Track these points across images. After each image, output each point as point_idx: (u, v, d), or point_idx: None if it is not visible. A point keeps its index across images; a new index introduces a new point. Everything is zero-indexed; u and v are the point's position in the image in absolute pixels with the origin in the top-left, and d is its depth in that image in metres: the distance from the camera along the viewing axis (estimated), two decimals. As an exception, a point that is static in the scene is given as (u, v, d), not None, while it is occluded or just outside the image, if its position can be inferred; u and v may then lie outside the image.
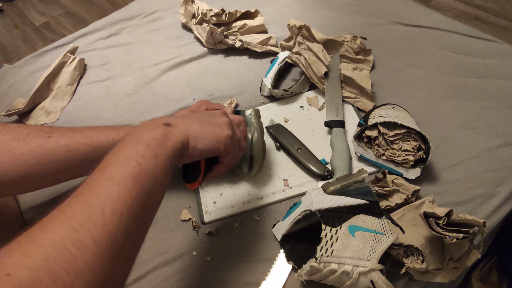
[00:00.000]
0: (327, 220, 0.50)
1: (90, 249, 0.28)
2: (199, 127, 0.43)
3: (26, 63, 0.97)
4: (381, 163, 0.63)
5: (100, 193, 0.32)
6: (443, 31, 0.88)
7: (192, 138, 0.42)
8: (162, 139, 0.38)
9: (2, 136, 0.49)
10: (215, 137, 0.44)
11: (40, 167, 0.49)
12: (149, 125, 0.40)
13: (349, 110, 0.74)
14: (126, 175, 0.34)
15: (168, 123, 0.41)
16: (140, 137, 0.38)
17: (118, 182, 0.33)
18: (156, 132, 0.39)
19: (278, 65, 0.80)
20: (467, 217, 0.48)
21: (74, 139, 0.51)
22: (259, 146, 0.61)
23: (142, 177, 0.35)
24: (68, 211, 0.31)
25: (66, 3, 2.44)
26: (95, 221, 0.30)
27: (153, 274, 0.56)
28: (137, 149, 0.36)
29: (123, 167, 0.34)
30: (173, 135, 0.40)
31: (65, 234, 0.29)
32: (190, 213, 0.63)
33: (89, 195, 0.32)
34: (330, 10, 0.99)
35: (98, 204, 0.31)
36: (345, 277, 0.46)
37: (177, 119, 0.43)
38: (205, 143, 0.43)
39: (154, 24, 1.03)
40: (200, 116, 0.46)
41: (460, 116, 0.71)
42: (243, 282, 0.55)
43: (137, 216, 0.34)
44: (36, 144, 0.49)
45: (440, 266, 0.51)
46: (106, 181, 0.33)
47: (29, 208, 0.66)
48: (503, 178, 0.62)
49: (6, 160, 0.47)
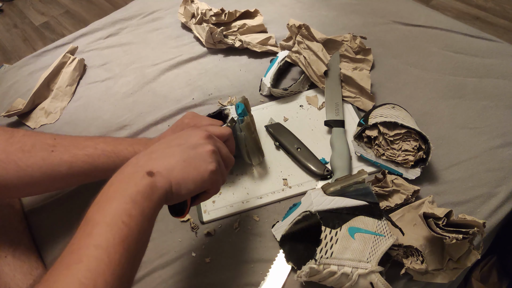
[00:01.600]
0: (327, 222, 0.49)
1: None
2: (183, 170, 0.41)
3: (26, 63, 0.97)
4: (381, 163, 0.63)
5: (90, 266, 0.31)
6: (443, 31, 0.88)
7: (175, 185, 0.40)
8: (148, 193, 0.37)
9: (8, 147, 0.50)
10: (199, 178, 0.42)
11: (43, 179, 0.51)
12: (133, 174, 0.39)
13: (349, 109, 0.73)
14: (114, 240, 0.33)
15: (151, 171, 0.39)
16: (125, 189, 0.37)
17: (108, 251, 0.32)
18: (141, 184, 0.37)
19: (277, 64, 0.80)
20: (466, 218, 0.47)
21: (77, 157, 0.53)
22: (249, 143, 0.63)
23: (129, 240, 0.34)
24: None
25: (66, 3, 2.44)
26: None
27: (152, 276, 0.56)
28: (124, 206, 0.35)
29: (110, 230, 0.33)
30: (158, 187, 0.38)
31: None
32: (189, 214, 0.62)
33: (79, 269, 0.31)
34: (330, 9, 0.99)
35: (89, 281, 0.30)
36: (344, 279, 0.46)
37: (159, 162, 0.41)
38: (189, 188, 0.42)
39: (153, 24, 1.03)
40: (182, 152, 0.43)
41: (460, 116, 0.71)
42: (243, 283, 0.55)
43: (125, 278, 0.34)
44: (40, 158, 0.51)
45: (440, 266, 0.51)
46: (95, 250, 0.32)
47: (32, 210, 0.66)
48: (503, 178, 0.62)
49: (12, 171, 0.49)
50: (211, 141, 0.46)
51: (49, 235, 0.63)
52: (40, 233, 0.63)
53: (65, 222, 0.64)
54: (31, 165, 0.50)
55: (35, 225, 0.64)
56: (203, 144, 0.45)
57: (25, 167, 0.50)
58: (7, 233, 0.59)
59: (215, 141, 0.47)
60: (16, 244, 0.58)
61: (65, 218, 0.64)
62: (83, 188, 0.67)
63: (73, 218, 0.64)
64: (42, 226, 0.64)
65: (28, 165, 0.50)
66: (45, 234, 0.63)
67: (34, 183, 0.51)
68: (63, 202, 0.66)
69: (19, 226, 0.61)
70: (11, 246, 0.57)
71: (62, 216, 0.65)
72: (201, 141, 0.45)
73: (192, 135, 0.45)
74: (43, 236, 0.63)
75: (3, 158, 0.49)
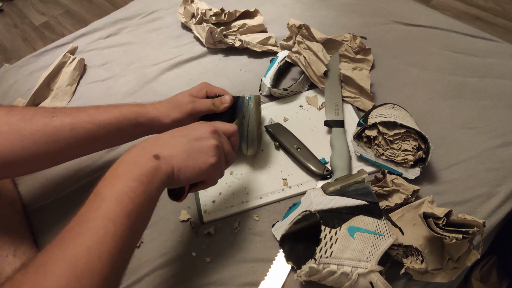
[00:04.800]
0: (327, 221, 0.49)
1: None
2: (184, 158, 0.45)
3: (26, 63, 0.97)
4: (380, 163, 0.63)
5: (98, 235, 0.34)
6: (443, 31, 0.88)
7: (176, 171, 0.43)
8: (152, 174, 0.40)
9: (9, 118, 0.50)
10: (198, 168, 0.45)
11: (47, 145, 0.51)
12: (140, 156, 0.42)
13: (349, 109, 0.74)
14: (121, 213, 0.36)
15: (157, 155, 0.42)
16: (132, 170, 0.40)
17: (114, 223, 0.35)
18: (146, 166, 0.41)
19: (277, 65, 0.80)
20: (466, 218, 0.47)
21: (78, 117, 0.54)
22: (254, 131, 0.64)
23: (133, 214, 0.37)
24: (69, 254, 0.33)
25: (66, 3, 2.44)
26: (94, 268, 0.33)
27: (152, 275, 0.56)
28: (131, 184, 0.38)
29: (117, 204, 0.36)
30: (161, 170, 0.41)
31: (68, 282, 0.31)
32: (189, 214, 0.62)
33: (87, 237, 0.34)
34: (330, 9, 0.99)
35: (96, 248, 0.33)
36: (344, 278, 0.46)
37: (165, 148, 0.44)
38: (187, 175, 0.45)
39: (153, 24, 1.03)
40: (187, 143, 0.46)
41: (460, 115, 0.71)
42: (243, 282, 0.55)
43: (127, 250, 0.37)
44: (42, 124, 0.51)
45: (440, 266, 0.51)
46: (102, 222, 0.35)
47: (33, 209, 0.66)
48: (503, 178, 0.62)
49: (16, 141, 0.49)
50: (216, 136, 0.49)
51: (50, 235, 0.63)
52: (41, 232, 0.63)
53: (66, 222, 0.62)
54: (34, 132, 0.50)
55: (36, 225, 0.64)
56: (207, 138, 0.47)
57: (28, 135, 0.50)
58: (8, 232, 0.59)
59: (219, 137, 0.50)
60: (17, 243, 0.58)
61: (65, 218, 0.64)
62: (83, 188, 0.68)
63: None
64: (43, 226, 0.64)
65: (31, 133, 0.50)
66: (46, 233, 0.63)
67: (39, 152, 0.51)
68: (63, 202, 0.66)
69: (20, 226, 0.61)
70: (12, 245, 0.57)
71: (62, 215, 0.65)
72: (206, 135, 0.48)
73: (198, 129, 0.48)
74: (44, 236, 0.63)
75: (6, 129, 0.49)
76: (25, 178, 0.70)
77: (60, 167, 0.71)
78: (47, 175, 0.70)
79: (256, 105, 0.64)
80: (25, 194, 0.68)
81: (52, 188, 0.68)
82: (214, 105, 0.61)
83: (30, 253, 0.58)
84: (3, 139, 0.49)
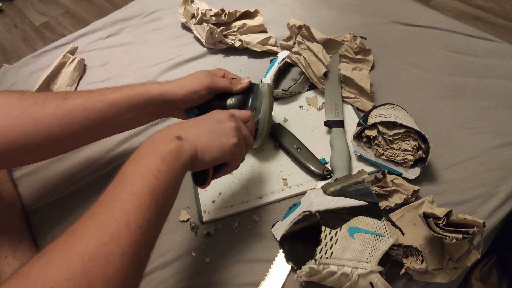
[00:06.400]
0: (327, 222, 0.49)
1: (119, 260, 0.33)
2: (207, 139, 0.46)
3: (26, 63, 0.97)
4: (380, 163, 0.63)
5: (125, 206, 0.36)
6: (443, 31, 0.88)
7: (200, 152, 0.45)
8: (176, 154, 0.42)
9: (21, 102, 0.50)
10: (222, 148, 0.47)
11: (60, 128, 0.51)
12: (164, 137, 0.43)
13: (349, 110, 0.74)
14: (145, 188, 0.37)
15: (180, 136, 0.44)
16: (156, 149, 0.41)
17: (139, 197, 0.37)
18: (170, 146, 0.42)
19: (277, 65, 0.80)
20: (466, 218, 0.47)
21: (90, 97, 0.54)
22: (265, 120, 0.63)
23: (159, 191, 0.38)
24: (98, 222, 0.35)
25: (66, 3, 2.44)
26: (122, 234, 0.34)
27: (152, 275, 0.56)
28: (155, 162, 0.40)
29: (142, 180, 0.38)
30: (184, 149, 0.43)
31: (98, 246, 0.32)
32: (188, 214, 0.62)
33: (115, 208, 0.36)
34: (330, 9, 0.99)
35: (123, 218, 0.35)
36: (344, 279, 0.46)
37: (188, 130, 0.46)
38: (212, 155, 0.46)
39: (153, 24, 1.03)
40: (208, 124, 0.48)
41: (460, 115, 0.71)
42: (242, 282, 0.55)
43: (154, 226, 0.38)
44: (54, 106, 0.51)
45: (440, 266, 0.51)
46: (129, 196, 0.36)
47: (33, 210, 0.66)
48: (503, 178, 0.62)
49: (29, 124, 0.49)
50: (234, 120, 0.51)
51: (49, 235, 0.63)
52: (40, 233, 0.63)
53: (66, 222, 0.64)
54: (46, 115, 0.50)
55: (36, 225, 0.64)
56: (227, 120, 0.49)
57: (41, 118, 0.50)
58: (7, 233, 0.59)
59: (237, 120, 0.52)
60: (16, 244, 0.58)
61: (65, 218, 0.64)
62: (83, 188, 0.68)
63: (74, 218, 0.64)
64: (43, 226, 0.64)
65: (44, 116, 0.50)
66: (45, 234, 0.63)
67: (52, 136, 0.51)
68: (63, 202, 0.66)
69: (19, 226, 0.61)
70: (12, 246, 0.57)
71: (62, 216, 0.65)
72: (225, 118, 0.50)
73: (217, 114, 0.51)
74: (44, 237, 0.63)
75: (18, 114, 0.49)
76: (25, 179, 0.70)
77: (60, 167, 0.71)
78: (47, 175, 0.70)
79: (269, 94, 0.64)
80: (25, 194, 0.68)
81: (52, 188, 0.68)
82: (232, 84, 0.61)
83: (29, 253, 0.58)
84: (17, 124, 0.49)
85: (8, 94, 0.51)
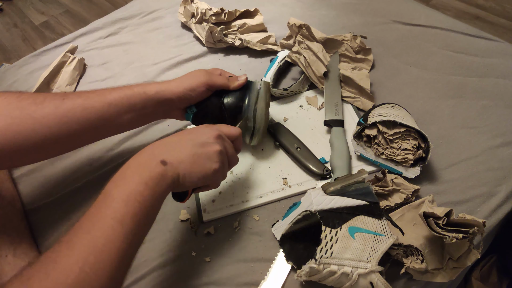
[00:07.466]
0: (327, 221, 0.49)
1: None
2: (190, 164, 0.46)
3: (26, 62, 0.97)
4: (380, 162, 0.63)
5: (107, 233, 0.36)
6: (443, 30, 0.88)
7: (182, 177, 0.45)
8: (159, 180, 0.42)
9: (20, 102, 0.50)
10: (203, 174, 0.47)
11: (59, 128, 0.51)
12: (149, 160, 0.44)
13: (349, 109, 0.73)
14: (128, 214, 0.38)
15: (164, 161, 0.44)
16: (140, 174, 0.42)
17: (122, 223, 0.37)
18: (154, 171, 0.42)
19: (277, 64, 0.80)
20: (466, 217, 0.47)
21: (89, 98, 0.54)
22: (262, 118, 0.63)
23: (141, 215, 0.39)
24: (77, 251, 0.35)
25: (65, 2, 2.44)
26: (104, 262, 0.35)
27: (152, 275, 0.56)
28: (139, 188, 0.40)
29: (125, 205, 0.39)
30: (167, 176, 0.43)
31: (80, 276, 0.33)
32: (188, 213, 0.62)
33: (97, 235, 0.36)
34: (330, 9, 0.99)
35: (105, 247, 0.35)
36: (344, 279, 0.46)
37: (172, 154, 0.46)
38: (193, 181, 0.47)
39: (153, 23, 1.03)
40: (192, 148, 0.47)
41: (460, 115, 0.71)
42: (242, 282, 0.55)
43: (134, 247, 0.39)
44: (53, 106, 0.51)
45: (440, 266, 0.51)
46: (112, 221, 0.37)
47: (33, 209, 0.66)
48: (503, 178, 0.62)
49: (27, 125, 0.49)
50: (220, 141, 0.50)
51: (49, 234, 0.63)
52: (40, 232, 0.63)
53: (66, 221, 0.64)
54: (45, 115, 0.50)
55: (36, 224, 0.64)
56: (212, 143, 0.49)
57: (40, 118, 0.50)
58: (7, 232, 0.58)
59: (223, 141, 0.51)
60: (16, 243, 0.58)
61: (65, 217, 0.64)
62: (83, 188, 0.68)
63: (73, 217, 0.64)
64: (43, 225, 0.64)
65: (43, 116, 0.50)
66: (45, 233, 0.63)
67: (51, 136, 0.51)
68: (63, 201, 0.66)
69: (19, 225, 0.61)
70: (12, 245, 0.57)
71: (62, 215, 0.65)
72: (211, 140, 0.49)
73: (204, 133, 0.50)
74: (44, 235, 0.63)
75: (17, 114, 0.49)
76: (25, 177, 0.70)
77: (60, 166, 0.71)
78: (47, 174, 0.70)
79: (266, 91, 0.64)
80: (25, 193, 0.68)
81: (52, 187, 0.68)
82: (229, 80, 0.62)
83: (30, 252, 0.58)
84: (16, 124, 0.49)
85: (7, 95, 0.51)
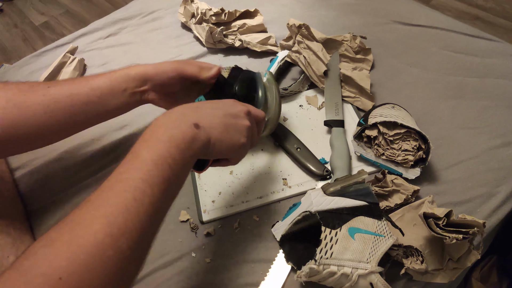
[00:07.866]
0: (327, 222, 0.49)
1: (126, 254, 0.32)
2: (221, 133, 0.45)
3: (26, 63, 0.97)
4: (380, 163, 0.63)
5: (137, 196, 0.34)
6: (443, 31, 0.88)
7: (212, 144, 0.44)
8: (191, 143, 0.41)
9: (5, 93, 0.50)
10: (231, 145, 0.46)
11: (47, 116, 0.51)
12: (181, 122, 0.42)
13: (349, 109, 0.73)
14: (158, 178, 0.36)
15: (197, 124, 0.42)
16: (172, 134, 0.40)
17: (152, 186, 0.36)
18: (187, 133, 0.41)
19: (277, 64, 0.80)
20: (466, 218, 0.47)
21: (74, 83, 0.54)
22: (276, 110, 0.64)
23: (172, 180, 0.38)
24: (105, 211, 0.33)
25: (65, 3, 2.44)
26: (132, 225, 0.33)
27: (152, 276, 0.56)
28: (170, 150, 0.38)
29: (157, 169, 0.37)
30: (199, 140, 0.42)
31: (105, 239, 0.31)
32: (188, 214, 0.62)
33: (126, 196, 0.34)
34: (330, 9, 0.99)
35: (134, 209, 0.33)
36: (344, 279, 0.46)
37: (205, 119, 0.44)
38: (221, 150, 0.46)
39: (153, 24, 1.03)
40: (224, 117, 0.47)
41: (460, 115, 0.71)
42: (243, 283, 0.55)
43: (161, 214, 0.38)
44: (40, 94, 0.51)
45: (440, 266, 0.51)
46: (142, 184, 0.35)
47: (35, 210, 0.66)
48: (503, 178, 0.62)
49: (14, 115, 0.49)
50: (250, 118, 0.50)
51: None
52: (42, 233, 0.63)
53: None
54: (31, 104, 0.50)
55: (38, 226, 0.64)
56: (243, 118, 0.49)
57: (27, 107, 0.50)
58: (9, 233, 0.59)
59: (252, 119, 0.51)
60: (18, 244, 0.58)
61: (65, 218, 0.64)
62: (83, 188, 0.68)
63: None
64: (44, 227, 0.64)
65: (29, 105, 0.50)
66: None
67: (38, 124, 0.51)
68: (64, 202, 0.66)
69: (21, 227, 0.61)
70: (14, 246, 0.57)
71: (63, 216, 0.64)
72: (242, 114, 0.49)
73: (235, 106, 0.49)
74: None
75: (3, 104, 0.49)
76: (26, 178, 0.70)
77: (60, 166, 0.71)
78: (47, 174, 0.70)
79: (274, 81, 0.64)
80: (25, 194, 0.68)
81: (52, 188, 0.68)
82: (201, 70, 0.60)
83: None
84: (3, 114, 0.49)
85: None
